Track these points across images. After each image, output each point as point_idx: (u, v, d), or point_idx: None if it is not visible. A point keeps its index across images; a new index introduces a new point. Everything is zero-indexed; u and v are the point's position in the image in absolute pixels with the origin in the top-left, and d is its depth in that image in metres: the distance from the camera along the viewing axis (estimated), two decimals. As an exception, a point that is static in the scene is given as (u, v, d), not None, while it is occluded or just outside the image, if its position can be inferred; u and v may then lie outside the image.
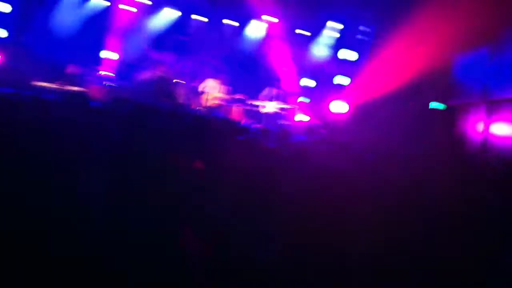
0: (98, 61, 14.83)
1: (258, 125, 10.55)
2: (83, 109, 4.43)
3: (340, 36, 13.93)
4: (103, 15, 15.20)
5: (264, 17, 14.59)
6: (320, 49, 14.72)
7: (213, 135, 3.95)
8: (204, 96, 12.64)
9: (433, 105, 9.81)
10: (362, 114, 10.98)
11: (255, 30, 15.47)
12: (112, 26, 15.16)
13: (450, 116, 9.28)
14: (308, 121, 13.12)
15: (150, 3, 14.79)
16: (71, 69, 12.82)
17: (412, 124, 9.56)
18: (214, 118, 5.26)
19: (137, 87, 14.36)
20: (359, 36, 12.39)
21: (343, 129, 10.54)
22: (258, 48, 15.56)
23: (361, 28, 12.36)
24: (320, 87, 14.54)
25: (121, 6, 14.87)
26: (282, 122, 12.94)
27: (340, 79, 12.57)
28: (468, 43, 8.77)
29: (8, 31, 11.22)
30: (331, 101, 12.30)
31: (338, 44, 13.79)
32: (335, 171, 1.55)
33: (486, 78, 8.20)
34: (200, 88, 13.05)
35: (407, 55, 9.77)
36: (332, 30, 14.38)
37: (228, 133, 3.82)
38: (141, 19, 15.31)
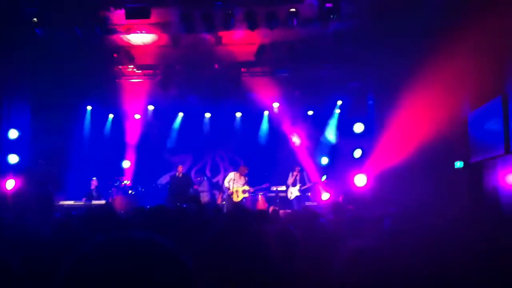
0: (119, 171, 15.21)
1: (285, 211, 10.51)
2: (111, 222, 4.46)
3: (347, 111, 14.20)
4: (115, 126, 15.76)
5: (274, 104, 14.99)
6: (331, 127, 14.97)
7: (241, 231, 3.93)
8: (228, 190, 12.73)
9: (457, 165, 9.70)
10: (384, 184, 10.90)
11: (267, 118, 15.85)
12: (125, 135, 15.67)
13: (474, 174, 9.14)
14: (331, 198, 13.05)
15: (152, 108, 15.33)
16: (94, 183, 13.14)
17: (436, 188, 9.45)
18: (240, 212, 5.29)
19: (159, 192, 14.58)
20: (366, 108, 12.63)
21: (367, 202, 10.41)
22: (272, 135, 15.85)
23: (367, 99, 12.61)
24: (334, 163, 14.62)
25: (136, 116, 15.43)
26: (309, 203, 12.89)
27: (357, 153, 12.64)
28: (480, 96, 8.81)
29: (19, 156, 11.47)
30: (352, 175, 12.28)
31: (346, 119, 14.02)
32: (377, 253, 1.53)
33: (505, 128, 8.16)
34: (222, 183, 13.18)
35: (418, 119, 9.84)
36: (339, 107, 14.70)
37: (257, 225, 3.82)
38: (153, 125, 15.78)
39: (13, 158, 11.38)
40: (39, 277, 2.08)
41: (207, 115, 15.96)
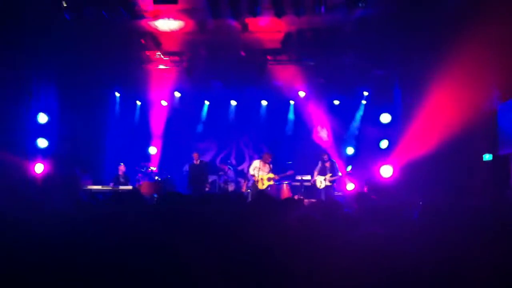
0: (145, 157, 15.40)
1: (310, 200, 10.50)
2: (138, 206, 4.53)
3: (373, 101, 14.04)
4: (142, 113, 15.94)
5: (300, 93, 14.92)
6: (357, 117, 14.86)
7: (263, 216, 3.95)
8: (253, 178, 12.75)
9: (486, 157, 9.52)
10: (410, 175, 10.77)
11: (293, 107, 15.81)
12: (152, 122, 15.84)
13: (503, 167, 8.96)
14: (356, 189, 12.98)
15: (179, 95, 15.40)
16: (122, 168, 13.32)
17: (463, 180, 9.30)
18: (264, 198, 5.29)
19: (185, 178, 14.72)
20: (392, 98, 12.43)
21: (392, 193, 10.31)
22: (298, 124, 15.81)
23: (394, 89, 12.42)
24: (360, 153, 14.50)
25: (163, 102, 15.57)
26: (334, 193, 12.85)
27: (383, 143, 12.50)
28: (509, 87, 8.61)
29: (48, 140, 11.67)
30: (378, 166, 12.17)
31: (372, 109, 13.87)
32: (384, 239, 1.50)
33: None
34: (248, 170, 13.20)
35: (445, 109, 9.68)
36: (365, 97, 14.56)
37: (278, 210, 3.83)
38: (179, 112, 15.89)
39: (42, 142, 11.59)
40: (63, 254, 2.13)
41: (233, 102, 15.99)
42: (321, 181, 12.70)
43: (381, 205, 5.14)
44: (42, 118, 11.63)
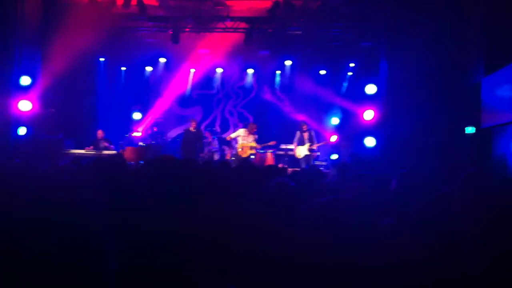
0: (129, 123, 15.33)
1: (294, 169, 10.57)
2: (122, 170, 4.50)
3: (359, 72, 14.03)
4: (128, 78, 15.79)
5: (286, 62, 14.87)
6: (342, 87, 14.88)
7: (247, 182, 3.99)
8: (236, 146, 12.77)
9: (468, 130, 9.64)
10: (393, 146, 10.87)
11: (279, 76, 15.77)
12: (137, 88, 15.74)
13: (485, 140, 9.09)
14: (339, 159, 13.08)
15: (164, 60, 15.27)
16: (100, 134, 13.15)
17: (445, 152, 9.42)
18: (247, 165, 5.33)
19: (169, 144, 14.71)
20: (377, 69, 12.43)
21: (375, 163, 10.42)
22: (283, 93, 15.81)
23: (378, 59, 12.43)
24: (345, 123, 14.57)
25: (147, 68, 15.44)
26: (317, 163, 12.93)
27: (368, 114, 12.53)
28: (496, 61, 8.65)
29: (31, 102, 11.58)
30: (362, 137, 12.25)
31: (358, 80, 13.88)
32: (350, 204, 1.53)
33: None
34: (231, 138, 13.20)
35: (430, 82, 9.74)
36: (352, 68, 14.54)
37: (259, 178, 3.87)
38: (165, 78, 15.79)
39: (25, 105, 11.44)
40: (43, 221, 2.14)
41: (219, 70, 15.88)
42: (300, 150, 12.74)
43: (362, 174, 5.22)
44: (25, 80, 11.43)
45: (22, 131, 11.23)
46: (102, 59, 15.02)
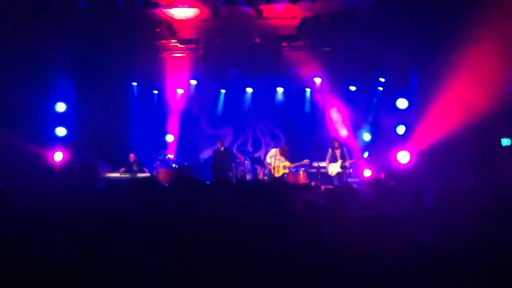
0: (162, 145, 15.52)
1: (327, 186, 10.48)
2: (155, 192, 4.56)
3: (389, 87, 13.86)
4: (159, 101, 16.01)
5: (316, 79, 14.85)
6: (373, 102, 14.73)
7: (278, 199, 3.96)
8: (269, 165, 12.81)
9: (504, 142, 9.41)
10: (427, 160, 10.67)
11: (309, 93, 15.75)
12: (169, 110, 15.92)
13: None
14: (373, 175, 12.91)
15: (195, 82, 15.42)
16: (132, 157, 13.34)
17: (482, 164, 9.19)
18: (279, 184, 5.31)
19: (202, 165, 14.81)
20: (408, 82, 12.27)
21: (410, 179, 10.24)
22: (313, 111, 15.76)
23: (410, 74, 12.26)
24: (377, 139, 14.39)
25: (179, 91, 15.63)
26: (350, 179, 12.80)
27: (400, 129, 12.37)
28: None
29: (66, 128, 11.81)
30: (395, 152, 12.07)
31: (388, 95, 13.70)
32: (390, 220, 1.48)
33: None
34: (264, 158, 13.25)
35: (465, 94, 9.55)
36: (382, 82, 14.38)
37: (291, 195, 3.85)
38: (196, 99, 15.94)
39: (61, 131, 11.74)
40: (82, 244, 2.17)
41: (249, 89, 15.97)
42: (332, 168, 12.68)
43: (398, 190, 5.14)
44: (60, 107, 11.76)
45: (58, 156, 11.51)
46: (134, 84, 15.33)
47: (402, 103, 12.48)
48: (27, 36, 10.12)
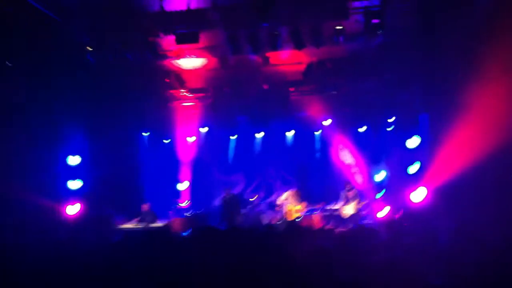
0: (175, 193, 15.53)
1: (340, 229, 10.37)
2: (170, 243, 4.58)
3: (399, 126, 13.87)
4: (170, 150, 16.12)
5: (325, 122, 14.92)
6: (383, 142, 14.72)
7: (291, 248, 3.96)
8: (283, 210, 12.77)
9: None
10: (442, 199, 10.54)
11: (318, 137, 15.81)
12: (180, 158, 16.02)
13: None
14: (388, 215, 12.76)
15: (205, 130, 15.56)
16: (145, 207, 13.31)
17: (496, 203, 9.04)
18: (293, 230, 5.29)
19: (215, 212, 14.75)
20: (417, 121, 12.28)
21: (425, 217, 10.09)
22: (324, 153, 15.78)
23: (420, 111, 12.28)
24: (389, 179, 14.31)
25: (190, 139, 15.76)
26: (364, 221, 12.67)
27: (412, 168, 12.30)
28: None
29: (79, 182, 11.88)
30: (408, 192, 11.96)
31: (398, 135, 13.69)
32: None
33: None
34: (277, 202, 13.22)
35: (477, 129, 9.48)
36: (391, 122, 14.40)
37: (301, 244, 3.83)
38: (207, 147, 16.05)
39: (73, 184, 11.82)
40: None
41: (258, 135, 16.07)
42: (347, 210, 12.61)
43: (411, 231, 5.09)
44: (72, 160, 11.88)
45: (71, 209, 11.55)
46: (146, 134, 15.52)
47: (412, 143, 12.46)
48: (38, 91, 10.34)
